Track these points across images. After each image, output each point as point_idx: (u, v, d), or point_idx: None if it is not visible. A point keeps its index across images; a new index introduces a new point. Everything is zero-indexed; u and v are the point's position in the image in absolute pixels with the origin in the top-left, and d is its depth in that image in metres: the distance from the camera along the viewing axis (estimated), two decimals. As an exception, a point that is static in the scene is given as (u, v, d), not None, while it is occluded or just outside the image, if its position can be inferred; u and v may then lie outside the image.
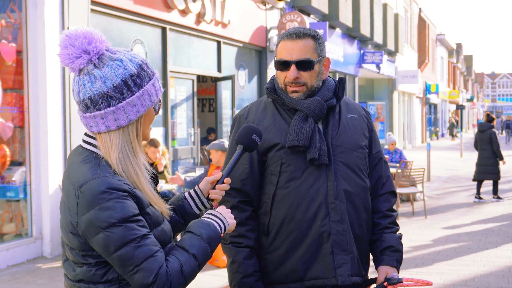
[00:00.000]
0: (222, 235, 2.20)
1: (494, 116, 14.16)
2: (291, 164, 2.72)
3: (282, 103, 2.80)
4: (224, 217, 2.23)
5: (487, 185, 15.01)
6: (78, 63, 2.04)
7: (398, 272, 2.84)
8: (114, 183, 1.98)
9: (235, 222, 2.26)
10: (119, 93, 2.03)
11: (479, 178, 13.56)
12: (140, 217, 2.00)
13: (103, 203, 1.94)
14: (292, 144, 2.68)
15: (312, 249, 2.70)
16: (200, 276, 7.09)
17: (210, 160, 8.34)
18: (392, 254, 2.83)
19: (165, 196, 8.16)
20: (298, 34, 2.74)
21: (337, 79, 2.90)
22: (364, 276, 2.82)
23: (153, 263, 1.96)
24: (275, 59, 2.80)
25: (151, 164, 8.59)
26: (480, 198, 13.60)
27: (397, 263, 2.84)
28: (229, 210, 2.28)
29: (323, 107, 2.75)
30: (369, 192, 2.87)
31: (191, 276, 2.05)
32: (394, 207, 2.98)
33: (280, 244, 2.73)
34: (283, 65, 2.74)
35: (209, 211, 2.24)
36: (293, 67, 2.72)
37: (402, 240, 2.95)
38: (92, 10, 8.98)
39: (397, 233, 2.93)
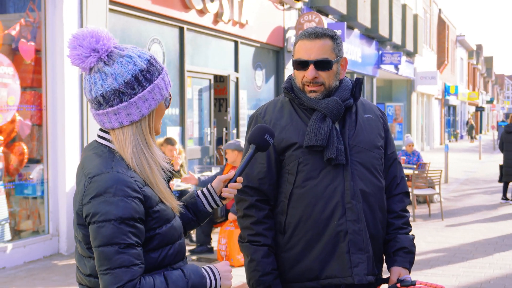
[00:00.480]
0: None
1: None
2: (308, 163, 2.73)
3: (300, 102, 2.81)
4: (221, 277, 2.19)
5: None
6: (88, 62, 2.06)
7: (410, 273, 2.85)
8: (125, 179, 2.00)
9: (230, 284, 2.22)
10: (130, 88, 2.06)
11: (506, 180, 13.49)
12: (138, 224, 2.01)
13: (108, 197, 1.97)
14: (309, 144, 2.70)
15: (328, 248, 2.71)
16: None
17: (226, 160, 8.37)
18: (405, 255, 2.84)
19: (179, 196, 8.20)
20: (316, 34, 2.75)
21: (354, 79, 2.90)
22: (378, 275, 2.83)
23: (125, 274, 1.95)
24: (293, 58, 2.81)
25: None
26: (507, 199, 13.51)
27: (410, 265, 2.85)
28: (230, 270, 2.25)
29: (341, 107, 2.76)
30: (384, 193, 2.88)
31: None
32: (410, 208, 2.99)
33: (297, 243, 2.75)
34: (301, 65, 2.75)
35: (211, 265, 2.22)
36: (311, 67, 2.73)
37: (418, 241, 2.97)
38: (111, 10, 9.05)
39: (410, 234, 2.93)
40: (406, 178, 12.17)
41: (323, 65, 2.73)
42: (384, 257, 2.91)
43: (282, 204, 2.78)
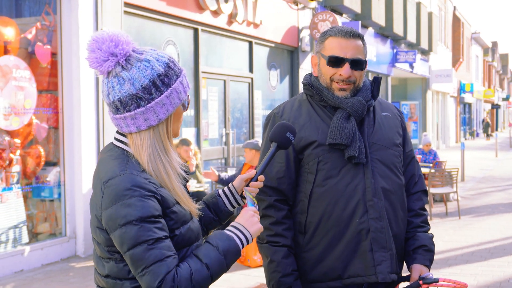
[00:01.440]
0: (243, 249, 2.17)
1: None
2: (328, 162, 2.72)
3: (321, 99, 2.80)
4: (246, 228, 2.18)
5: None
6: (106, 66, 2.07)
7: (430, 271, 2.83)
8: (139, 181, 2.00)
9: (259, 227, 2.20)
10: (148, 93, 2.05)
11: None
12: (160, 219, 2.01)
13: (125, 200, 1.97)
14: (334, 142, 2.68)
15: (350, 246, 2.69)
16: (230, 275, 7.12)
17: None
18: (425, 253, 2.83)
19: (195, 196, 8.21)
20: (352, 34, 2.75)
21: (370, 78, 2.89)
22: (399, 274, 2.82)
23: (161, 268, 1.95)
24: (324, 54, 2.77)
25: (183, 164, 8.63)
26: None
27: (430, 263, 2.84)
28: (252, 214, 2.22)
29: (365, 108, 2.77)
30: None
31: (201, 285, 2.02)
32: (427, 206, 2.99)
33: (318, 242, 2.73)
34: (335, 62, 2.73)
35: (232, 222, 2.22)
36: (347, 65, 2.72)
37: (436, 240, 2.96)
38: (125, 12, 9.08)
39: (429, 232, 2.93)
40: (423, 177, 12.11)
41: (358, 64, 2.74)
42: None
43: (302, 203, 2.76)
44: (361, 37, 2.79)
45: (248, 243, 2.18)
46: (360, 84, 2.79)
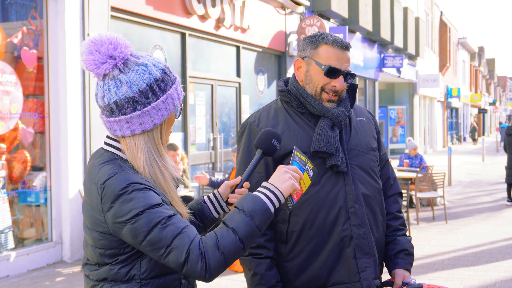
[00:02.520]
0: (275, 207, 2.08)
1: None
2: None
3: (298, 106, 2.78)
4: (276, 186, 2.11)
5: None
6: (103, 69, 2.06)
7: (410, 274, 2.85)
8: (135, 178, 2.01)
9: (290, 183, 2.11)
10: (144, 97, 2.06)
11: (509, 181, 13.53)
12: (164, 204, 2.02)
13: (126, 195, 1.97)
14: (320, 149, 2.66)
15: (334, 254, 2.68)
16: (219, 280, 7.10)
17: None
18: (406, 257, 2.85)
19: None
20: (347, 46, 2.75)
21: (357, 83, 2.90)
22: (380, 278, 2.83)
23: (183, 239, 1.95)
24: (318, 61, 2.72)
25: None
26: None
27: (410, 266, 2.87)
28: (285, 171, 2.15)
29: (347, 118, 2.78)
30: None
31: (230, 251, 1.98)
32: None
33: (301, 251, 2.70)
34: (332, 73, 2.70)
35: (264, 183, 2.14)
36: (341, 77, 2.71)
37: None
38: (112, 17, 9.06)
39: (407, 235, 2.96)
40: (410, 181, 12.09)
41: (350, 77, 2.75)
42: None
43: (282, 212, 2.72)
44: (349, 49, 2.79)
45: (279, 201, 2.10)
46: (343, 94, 2.79)
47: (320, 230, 2.68)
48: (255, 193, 2.10)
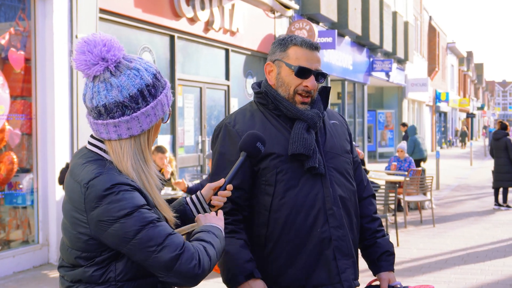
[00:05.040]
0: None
1: (507, 123, 14.13)
2: (288, 173, 2.68)
3: (275, 108, 2.76)
4: (217, 226, 2.25)
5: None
6: (94, 70, 2.04)
7: (393, 272, 2.88)
8: (121, 179, 2.00)
9: (222, 224, 2.30)
10: (134, 103, 2.04)
11: (496, 186, 13.60)
12: (150, 208, 2.03)
13: (113, 196, 1.96)
14: (297, 152, 2.64)
15: (313, 256, 2.68)
16: (205, 283, 7.09)
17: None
18: (388, 258, 2.88)
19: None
20: (316, 46, 2.74)
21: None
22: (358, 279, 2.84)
23: (177, 238, 1.98)
24: (288, 63, 2.71)
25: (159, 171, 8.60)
26: (499, 204, 13.57)
27: (393, 266, 2.90)
28: (214, 215, 2.31)
29: (321, 120, 2.77)
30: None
31: (214, 259, 2.07)
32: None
33: (280, 254, 2.69)
34: (303, 73, 2.70)
35: (203, 226, 2.25)
36: (312, 77, 2.70)
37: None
38: (101, 18, 9.03)
39: (386, 235, 2.97)
40: (398, 185, 12.11)
41: (322, 77, 2.74)
42: (358, 261, 2.91)
43: (262, 216, 2.70)
44: (319, 49, 2.79)
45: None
46: (315, 96, 2.79)
47: (299, 233, 2.67)
48: (212, 224, 2.24)
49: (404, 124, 20.46)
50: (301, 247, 2.68)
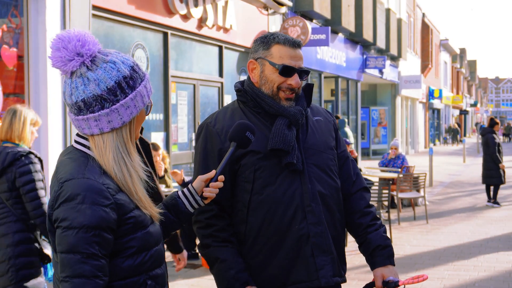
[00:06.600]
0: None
1: (498, 120, 14.16)
2: (265, 170, 2.70)
3: (255, 105, 2.77)
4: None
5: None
6: (70, 66, 2.04)
7: (394, 265, 2.84)
8: (95, 186, 1.98)
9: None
10: (113, 95, 2.04)
11: (484, 182, 13.70)
12: (105, 234, 1.97)
13: (75, 204, 1.95)
14: (277, 147, 2.65)
15: (292, 253, 2.69)
16: (199, 280, 7.09)
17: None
18: (382, 253, 2.83)
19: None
20: (298, 43, 2.76)
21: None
22: (343, 277, 2.82)
23: (84, 285, 1.92)
24: (272, 61, 2.73)
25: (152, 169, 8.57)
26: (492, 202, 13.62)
27: (390, 259, 2.84)
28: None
29: (304, 117, 2.78)
30: (341, 193, 2.88)
31: None
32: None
33: (259, 251, 2.71)
34: (287, 71, 2.71)
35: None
36: (296, 75, 2.72)
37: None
38: (94, 15, 9.00)
39: (381, 228, 2.91)
40: (391, 182, 12.10)
41: (305, 74, 2.75)
42: (345, 258, 2.92)
43: (240, 213, 2.73)
44: (301, 46, 2.80)
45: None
46: (299, 92, 2.81)
47: (278, 230, 2.69)
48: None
49: (336, 117, 20.34)
50: (280, 244, 2.69)
